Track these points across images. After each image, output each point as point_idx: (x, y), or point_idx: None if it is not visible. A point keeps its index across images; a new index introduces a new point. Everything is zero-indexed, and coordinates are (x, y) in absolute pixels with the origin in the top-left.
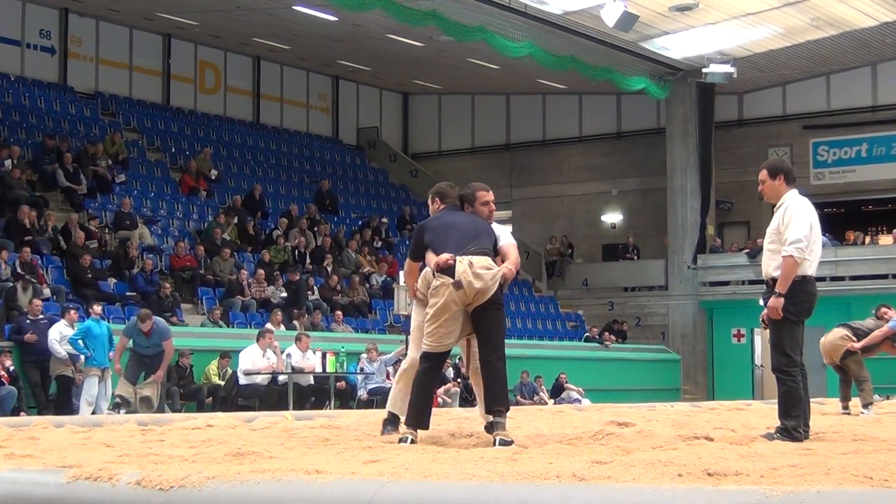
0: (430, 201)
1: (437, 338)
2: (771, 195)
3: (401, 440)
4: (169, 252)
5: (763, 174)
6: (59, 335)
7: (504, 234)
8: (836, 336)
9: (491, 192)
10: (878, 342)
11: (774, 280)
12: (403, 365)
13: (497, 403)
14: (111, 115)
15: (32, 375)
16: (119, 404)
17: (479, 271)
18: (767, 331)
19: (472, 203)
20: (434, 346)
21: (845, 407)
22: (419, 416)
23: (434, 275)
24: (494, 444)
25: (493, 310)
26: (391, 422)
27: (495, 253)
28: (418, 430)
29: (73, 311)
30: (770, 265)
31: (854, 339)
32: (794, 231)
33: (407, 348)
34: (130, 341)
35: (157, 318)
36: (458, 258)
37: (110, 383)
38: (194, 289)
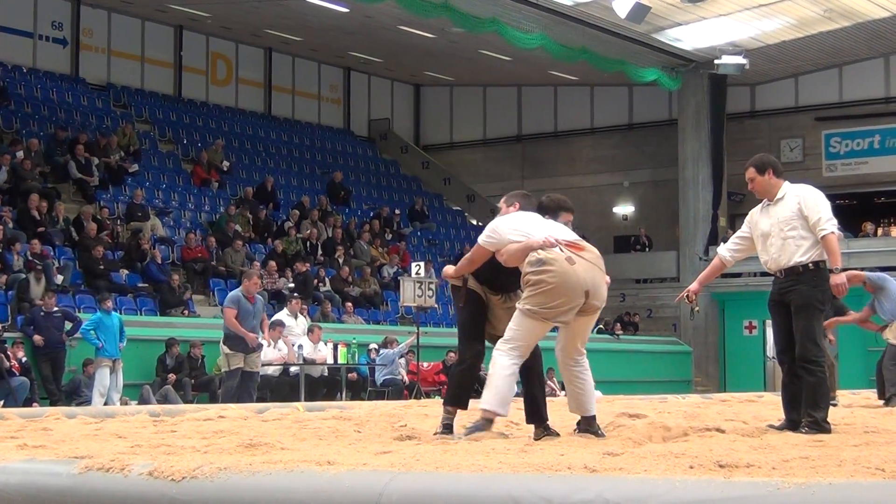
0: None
1: None
2: (763, 191)
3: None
4: (181, 244)
5: (751, 172)
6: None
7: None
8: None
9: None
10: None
11: (802, 267)
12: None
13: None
14: (123, 107)
15: (44, 368)
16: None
17: None
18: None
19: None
20: None
21: (832, 397)
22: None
23: None
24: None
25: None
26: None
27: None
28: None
29: (294, 302)
30: (796, 252)
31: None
32: (825, 210)
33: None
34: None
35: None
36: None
37: (121, 374)
38: (206, 280)
